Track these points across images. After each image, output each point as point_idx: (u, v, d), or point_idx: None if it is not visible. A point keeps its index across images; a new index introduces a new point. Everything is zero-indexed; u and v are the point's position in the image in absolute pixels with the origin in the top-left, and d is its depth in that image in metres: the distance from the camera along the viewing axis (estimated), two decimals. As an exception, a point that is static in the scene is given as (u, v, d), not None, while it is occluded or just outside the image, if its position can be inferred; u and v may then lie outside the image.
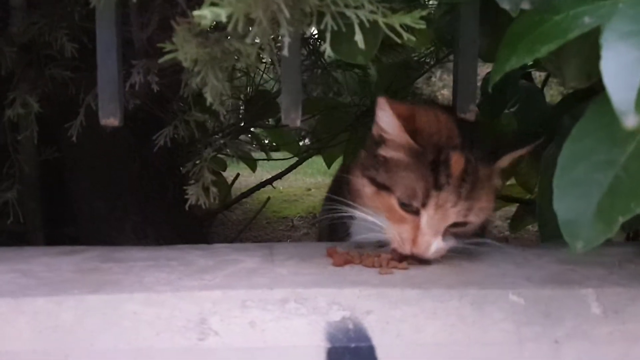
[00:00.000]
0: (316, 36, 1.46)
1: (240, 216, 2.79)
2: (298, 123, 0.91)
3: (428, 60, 1.68)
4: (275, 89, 2.01)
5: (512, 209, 2.12)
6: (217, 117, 1.52)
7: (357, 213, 0.98)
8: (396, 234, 0.92)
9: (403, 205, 0.91)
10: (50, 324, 0.74)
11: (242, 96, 2.03)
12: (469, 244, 0.93)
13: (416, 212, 0.90)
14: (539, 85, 1.65)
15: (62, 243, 1.13)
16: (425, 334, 0.75)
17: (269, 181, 1.97)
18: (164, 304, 0.77)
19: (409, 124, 0.91)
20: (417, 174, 0.90)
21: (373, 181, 0.95)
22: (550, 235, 0.93)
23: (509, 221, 2.34)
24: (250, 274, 0.86)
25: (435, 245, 0.90)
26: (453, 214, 0.90)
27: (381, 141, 0.96)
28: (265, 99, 1.95)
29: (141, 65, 1.02)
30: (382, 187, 0.94)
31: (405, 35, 0.70)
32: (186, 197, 1.05)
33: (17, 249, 1.06)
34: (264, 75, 2.03)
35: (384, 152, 0.95)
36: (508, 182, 1.84)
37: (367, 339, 0.75)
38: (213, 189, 1.07)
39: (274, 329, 0.76)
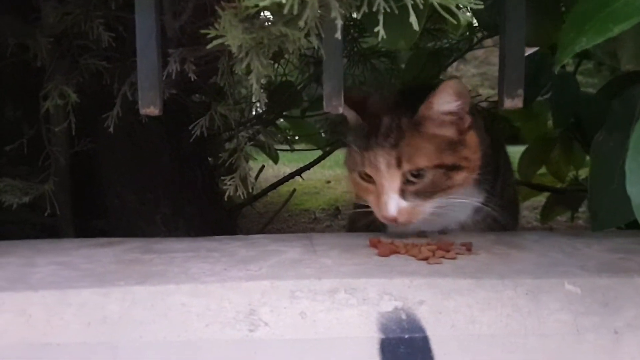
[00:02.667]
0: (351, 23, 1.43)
1: (261, 209, 2.78)
2: (340, 110, 0.89)
3: (460, 47, 1.65)
4: (299, 80, 1.99)
5: (539, 199, 2.10)
6: (249, 108, 1.51)
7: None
8: (370, 204, 1.01)
9: (362, 177, 1.01)
10: (98, 315, 0.73)
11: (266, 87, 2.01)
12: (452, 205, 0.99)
13: (373, 181, 0.99)
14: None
15: (92, 235, 1.12)
16: (481, 325, 0.73)
17: (298, 172, 1.95)
18: (212, 295, 0.75)
19: (358, 106, 1.03)
20: (358, 144, 1.01)
21: (349, 167, 1.05)
22: (602, 224, 0.90)
23: (536, 211, 2.32)
24: (296, 264, 0.85)
25: (393, 203, 0.95)
26: (384, 166, 0.96)
27: (347, 131, 1.08)
28: (290, 90, 1.93)
29: (177, 54, 1.01)
30: (351, 169, 1.04)
31: (461, 17, 0.67)
32: (224, 187, 1.03)
33: (52, 241, 1.05)
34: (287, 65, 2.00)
35: (349, 139, 1.06)
36: (539, 171, 1.82)
37: (420, 329, 0.73)
38: (251, 179, 1.05)
39: (325, 320, 0.74)
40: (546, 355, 0.72)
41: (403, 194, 0.96)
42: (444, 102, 0.96)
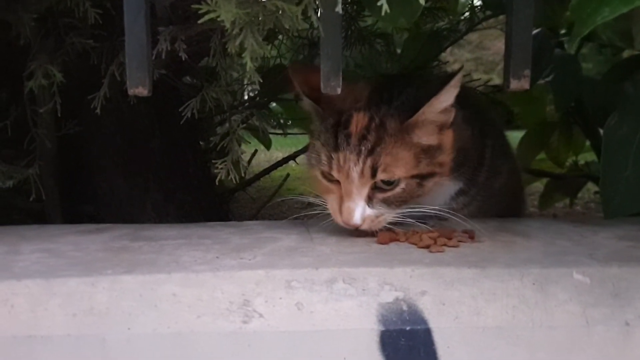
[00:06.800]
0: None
1: (254, 194, 2.74)
2: (338, 91, 0.84)
3: (460, 29, 1.60)
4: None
5: (536, 185, 2.07)
6: (241, 91, 1.47)
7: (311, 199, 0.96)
8: (329, 206, 0.91)
9: (325, 175, 0.91)
10: (85, 306, 0.70)
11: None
12: (418, 214, 0.90)
13: (338, 181, 0.89)
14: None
15: (80, 221, 1.08)
16: (486, 317, 0.70)
17: (291, 157, 1.91)
18: (204, 285, 0.72)
19: (315, 92, 0.88)
20: (323, 139, 0.91)
21: (310, 162, 0.95)
22: (615, 211, 0.87)
23: (532, 197, 2.29)
24: (291, 252, 0.81)
25: (359, 212, 0.86)
26: (356, 172, 0.86)
27: (309, 115, 0.97)
28: (284, 73, 1.88)
29: (167, 32, 0.96)
30: (312, 164, 0.94)
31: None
32: (216, 171, 0.99)
33: (39, 227, 1.01)
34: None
35: (312, 126, 0.96)
36: (538, 157, 1.79)
37: (423, 321, 0.70)
38: (243, 163, 1.01)
39: (322, 311, 0.71)
40: (554, 348, 0.70)
41: (370, 200, 0.88)
42: (447, 98, 0.88)
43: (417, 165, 0.89)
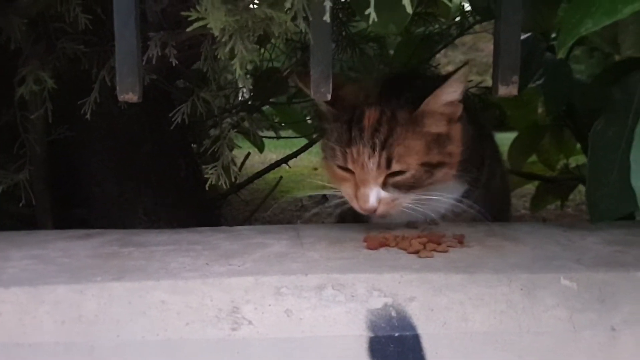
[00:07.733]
0: (339, 6, 1.38)
1: (247, 197, 2.74)
2: (328, 97, 0.85)
3: (451, 32, 1.61)
4: (285, 66, 1.94)
5: (527, 187, 2.08)
6: (234, 94, 1.47)
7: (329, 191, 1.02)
8: (344, 193, 0.96)
9: (340, 167, 0.95)
10: (73, 314, 0.70)
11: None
12: (426, 197, 0.94)
13: (352, 171, 0.94)
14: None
15: (71, 226, 1.08)
16: (473, 322, 0.71)
17: (284, 160, 1.91)
18: (193, 292, 0.72)
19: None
20: (337, 135, 0.95)
21: (326, 156, 1.00)
22: (602, 215, 0.88)
23: (524, 199, 2.30)
24: (281, 258, 0.81)
25: (374, 196, 0.91)
26: (372, 164, 0.91)
27: (321, 115, 1.02)
28: (276, 76, 1.88)
29: (158, 37, 0.96)
30: (326, 158, 0.99)
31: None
32: (206, 176, 0.99)
33: (28, 233, 1.01)
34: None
35: (323, 124, 1.02)
36: (529, 159, 1.80)
37: (411, 327, 0.70)
38: (234, 168, 1.02)
39: (311, 318, 0.71)
40: (541, 354, 0.70)
41: (383, 186, 0.92)
42: (452, 90, 0.92)
43: (428, 153, 0.93)
